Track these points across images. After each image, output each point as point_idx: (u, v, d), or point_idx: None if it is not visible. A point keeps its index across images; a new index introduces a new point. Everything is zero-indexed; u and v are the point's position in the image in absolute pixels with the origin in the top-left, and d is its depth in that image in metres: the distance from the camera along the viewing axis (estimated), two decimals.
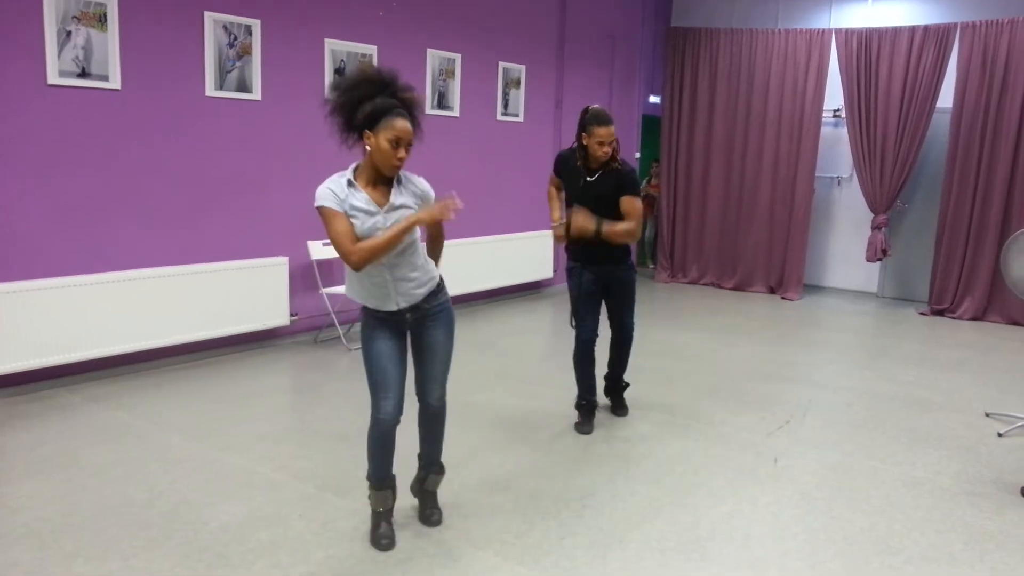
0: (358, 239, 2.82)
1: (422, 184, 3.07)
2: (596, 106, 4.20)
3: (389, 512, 3.17)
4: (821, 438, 4.50)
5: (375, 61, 6.49)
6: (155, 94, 5.18)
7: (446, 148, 7.34)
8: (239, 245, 5.70)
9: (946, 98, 8.01)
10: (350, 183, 2.87)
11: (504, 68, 7.86)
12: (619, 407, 4.81)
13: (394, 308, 3.01)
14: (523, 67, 8.08)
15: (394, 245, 2.84)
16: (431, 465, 3.36)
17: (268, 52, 5.74)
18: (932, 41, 7.99)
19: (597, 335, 4.47)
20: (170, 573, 2.89)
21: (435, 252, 3.29)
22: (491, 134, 7.83)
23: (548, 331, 7.14)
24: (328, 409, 4.74)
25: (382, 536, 3.11)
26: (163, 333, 5.23)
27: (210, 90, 5.45)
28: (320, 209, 2.82)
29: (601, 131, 4.10)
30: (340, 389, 5.12)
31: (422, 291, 3.07)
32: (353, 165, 2.95)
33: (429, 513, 3.33)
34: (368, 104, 2.80)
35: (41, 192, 4.74)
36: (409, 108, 2.87)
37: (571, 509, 3.50)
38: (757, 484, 3.84)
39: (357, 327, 6.37)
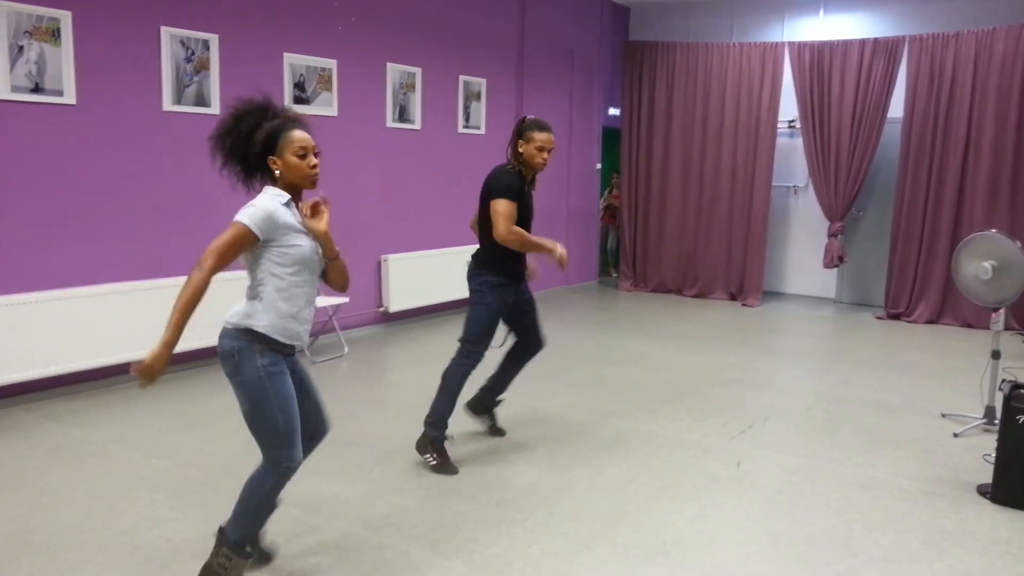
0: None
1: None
2: (532, 116, 4.05)
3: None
4: (782, 442, 4.57)
5: (334, 75, 6.49)
6: (111, 109, 5.12)
7: (407, 161, 7.35)
8: (197, 261, 5.62)
9: (896, 108, 8.21)
10: (289, 203, 2.71)
11: (465, 81, 7.89)
12: (498, 428, 4.57)
13: (302, 343, 2.82)
14: (484, 80, 8.13)
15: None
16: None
17: (226, 67, 5.71)
18: (882, 53, 8.19)
19: None
20: None
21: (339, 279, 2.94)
22: (452, 147, 7.85)
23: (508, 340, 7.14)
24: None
25: None
26: (122, 349, 5.15)
27: (167, 105, 5.40)
28: (238, 224, 2.62)
29: (542, 136, 3.92)
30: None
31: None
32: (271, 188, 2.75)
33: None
34: (259, 132, 2.69)
35: None
36: (299, 122, 2.75)
37: (537, 517, 3.51)
38: (720, 489, 3.88)
39: (320, 341, 6.35)
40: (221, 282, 2.78)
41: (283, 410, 2.70)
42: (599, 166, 10.22)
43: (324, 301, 6.00)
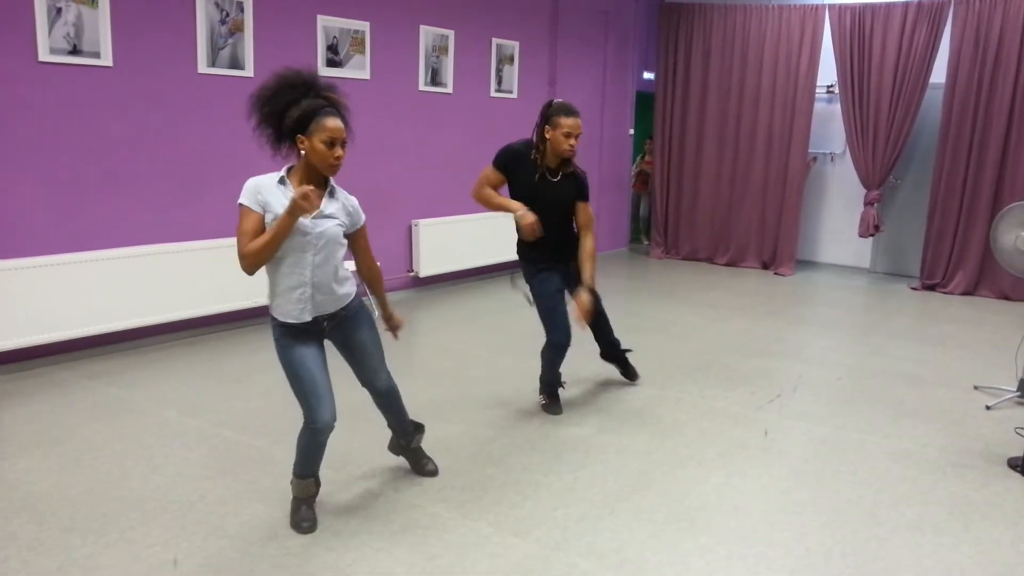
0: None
1: (354, 202, 3.01)
2: (560, 99, 4.02)
3: (312, 498, 3.13)
4: (810, 412, 4.55)
5: (367, 38, 6.47)
6: (147, 71, 5.16)
7: (439, 125, 7.33)
8: (233, 222, 5.68)
9: (939, 74, 8.01)
10: (282, 180, 2.82)
11: (497, 44, 7.83)
12: (631, 372, 4.92)
13: (308, 319, 2.93)
14: (516, 43, 8.05)
15: (277, 243, 2.74)
16: (407, 432, 3.46)
17: (260, 29, 5.72)
18: (925, 17, 7.97)
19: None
20: (166, 546, 2.93)
21: (377, 291, 3.28)
22: (485, 111, 7.81)
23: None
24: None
25: (303, 519, 3.06)
26: (158, 310, 5.25)
27: (202, 67, 5.43)
28: (239, 205, 2.80)
29: (568, 121, 3.87)
30: (337, 364, 5.14)
31: (337, 305, 3.01)
32: (287, 166, 2.88)
33: (424, 463, 3.54)
34: (295, 108, 2.73)
35: (33, 169, 4.73)
36: (337, 108, 2.80)
37: (563, 482, 3.55)
38: (747, 457, 3.89)
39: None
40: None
41: (295, 377, 2.94)
42: (632, 131, 10.12)
43: (353, 265, 6.04)
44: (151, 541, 2.96)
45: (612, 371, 5.09)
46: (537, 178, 4.03)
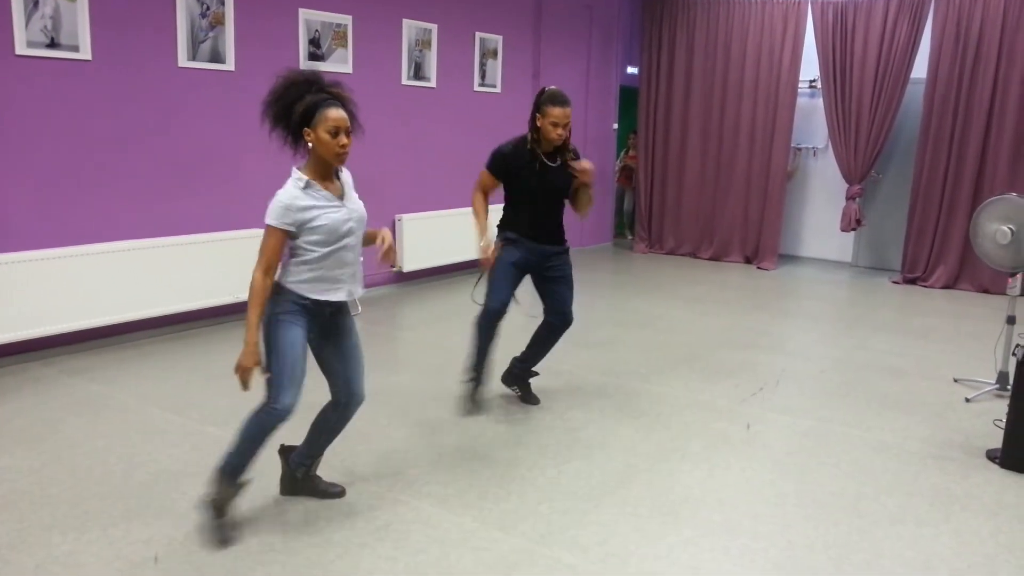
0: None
1: (346, 174, 3.05)
2: (554, 87, 4.00)
3: (231, 503, 3.00)
4: (793, 405, 4.58)
5: (350, 32, 6.44)
6: (127, 65, 5.11)
7: (422, 120, 7.31)
8: (214, 217, 5.66)
9: (920, 69, 8.06)
10: (308, 184, 2.84)
11: (481, 38, 7.81)
12: (531, 395, 4.48)
13: (345, 298, 2.98)
14: (500, 37, 8.04)
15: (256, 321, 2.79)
16: (316, 456, 3.28)
17: (241, 22, 5.67)
18: (907, 12, 8.02)
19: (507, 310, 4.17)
20: (147, 543, 2.91)
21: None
22: (468, 105, 7.79)
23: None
24: (308, 379, 4.74)
25: (221, 530, 2.94)
26: (140, 306, 5.21)
27: (182, 61, 5.39)
28: (268, 227, 2.80)
29: (556, 111, 3.87)
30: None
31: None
32: (297, 169, 2.89)
33: (330, 486, 3.31)
34: (299, 104, 2.80)
35: (10, 164, 4.68)
36: (340, 100, 2.86)
37: (547, 476, 3.56)
38: (731, 450, 3.91)
39: None
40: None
41: (280, 353, 2.86)
42: (616, 126, 10.13)
43: None
44: (132, 538, 2.94)
45: (594, 365, 5.10)
46: (538, 167, 4.02)
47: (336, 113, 2.81)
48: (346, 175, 3.04)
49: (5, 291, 4.58)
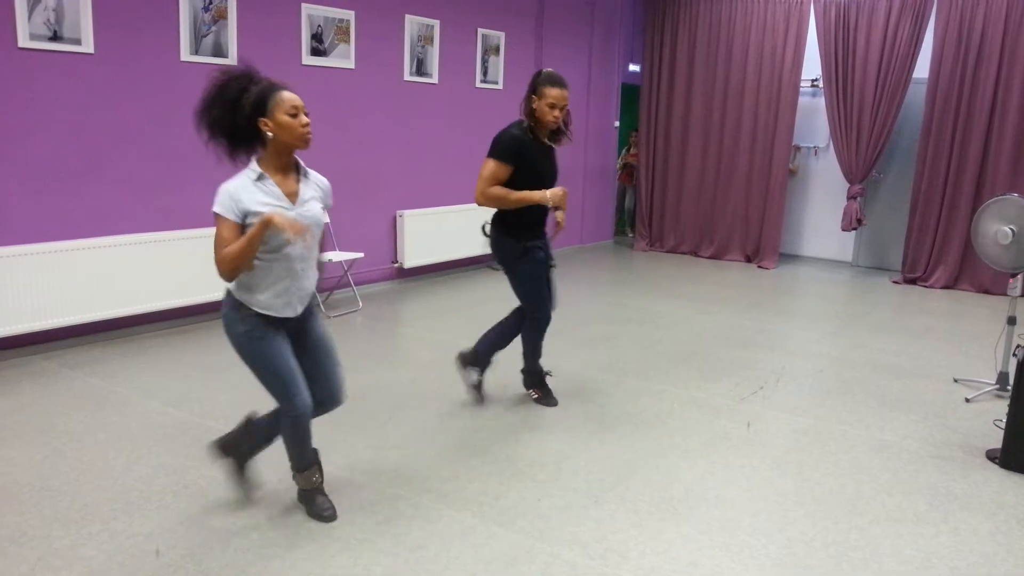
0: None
1: (324, 181, 2.96)
2: (550, 69, 3.91)
3: (320, 485, 3.12)
4: (793, 403, 4.58)
5: (352, 27, 6.43)
6: (129, 59, 5.11)
7: (424, 116, 7.31)
8: None
9: (922, 69, 8.06)
10: (261, 176, 2.74)
11: (483, 35, 7.81)
12: (550, 397, 4.42)
13: (292, 315, 2.89)
14: (502, 34, 8.03)
15: (253, 250, 2.66)
16: (261, 445, 3.22)
17: (244, 16, 5.67)
18: (909, 12, 8.02)
19: None
20: (148, 537, 2.91)
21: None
22: (470, 102, 7.79)
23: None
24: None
25: (322, 508, 3.07)
26: (140, 300, 5.22)
27: (185, 55, 5.39)
28: (215, 215, 2.71)
29: (554, 92, 3.77)
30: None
31: (311, 293, 2.99)
32: (254, 160, 2.79)
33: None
34: (246, 97, 2.68)
35: (12, 157, 4.68)
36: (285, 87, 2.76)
37: (547, 472, 3.56)
38: (730, 447, 3.92)
39: (335, 296, 6.39)
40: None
41: (271, 369, 2.86)
42: (617, 124, 10.13)
43: (340, 256, 6.03)
44: (133, 532, 2.94)
45: (594, 363, 5.11)
46: (541, 149, 3.95)
47: (291, 95, 2.70)
48: (321, 180, 2.93)
49: (7, 285, 4.58)
